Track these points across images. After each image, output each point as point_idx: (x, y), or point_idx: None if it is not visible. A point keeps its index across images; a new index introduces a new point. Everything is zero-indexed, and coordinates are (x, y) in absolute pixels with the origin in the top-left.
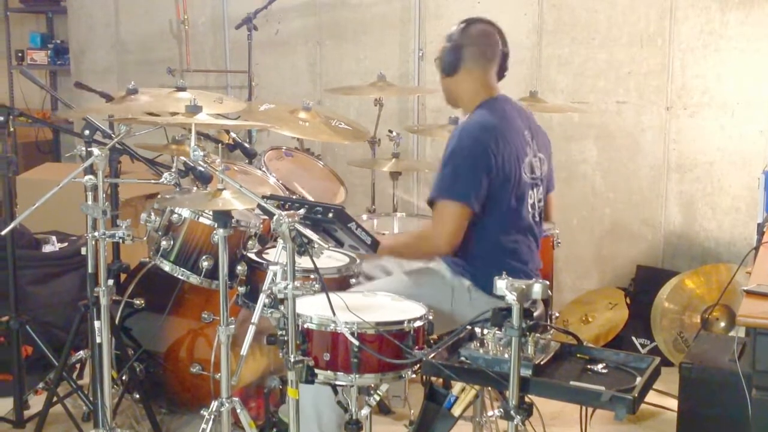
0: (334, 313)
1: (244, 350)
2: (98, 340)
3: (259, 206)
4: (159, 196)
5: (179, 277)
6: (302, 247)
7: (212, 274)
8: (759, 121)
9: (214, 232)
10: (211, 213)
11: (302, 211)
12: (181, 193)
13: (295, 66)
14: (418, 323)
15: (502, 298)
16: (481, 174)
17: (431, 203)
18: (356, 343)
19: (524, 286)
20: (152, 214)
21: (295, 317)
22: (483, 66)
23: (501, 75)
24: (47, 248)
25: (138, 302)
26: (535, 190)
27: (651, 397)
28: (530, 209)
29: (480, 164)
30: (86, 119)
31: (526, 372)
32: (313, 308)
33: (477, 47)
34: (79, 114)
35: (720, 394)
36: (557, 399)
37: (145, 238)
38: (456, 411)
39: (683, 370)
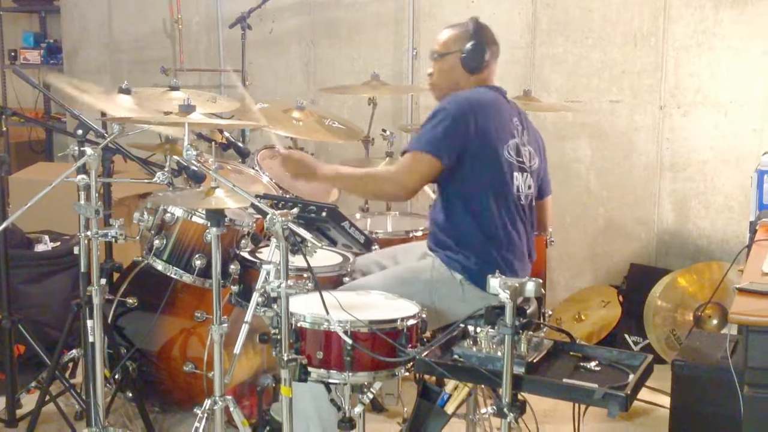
0: (327, 312)
1: (237, 349)
2: (91, 339)
3: (253, 205)
4: (152, 195)
5: (172, 276)
6: (295, 246)
7: (205, 272)
8: (752, 120)
9: (207, 230)
10: (204, 212)
11: (295, 210)
12: (174, 192)
13: (288, 65)
14: (412, 321)
15: (495, 294)
16: (456, 134)
17: (403, 153)
18: (349, 341)
19: (517, 285)
20: (145, 213)
21: (289, 316)
22: (495, 61)
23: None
24: (40, 247)
25: (131, 301)
26: (522, 174)
27: (643, 394)
28: (516, 191)
29: (457, 125)
30: (79, 118)
31: (519, 370)
32: (306, 307)
33: (493, 45)
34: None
35: (712, 391)
36: (550, 396)
37: (137, 237)
38: (449, 408)
39: (676, 367)
